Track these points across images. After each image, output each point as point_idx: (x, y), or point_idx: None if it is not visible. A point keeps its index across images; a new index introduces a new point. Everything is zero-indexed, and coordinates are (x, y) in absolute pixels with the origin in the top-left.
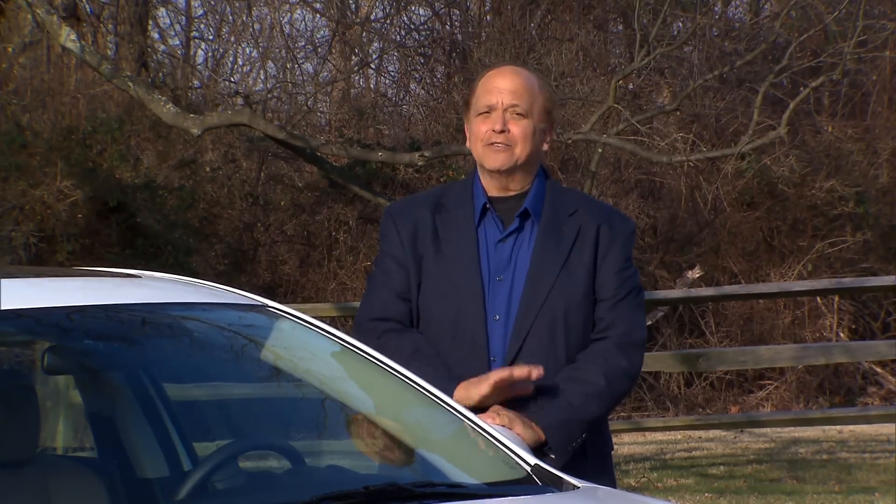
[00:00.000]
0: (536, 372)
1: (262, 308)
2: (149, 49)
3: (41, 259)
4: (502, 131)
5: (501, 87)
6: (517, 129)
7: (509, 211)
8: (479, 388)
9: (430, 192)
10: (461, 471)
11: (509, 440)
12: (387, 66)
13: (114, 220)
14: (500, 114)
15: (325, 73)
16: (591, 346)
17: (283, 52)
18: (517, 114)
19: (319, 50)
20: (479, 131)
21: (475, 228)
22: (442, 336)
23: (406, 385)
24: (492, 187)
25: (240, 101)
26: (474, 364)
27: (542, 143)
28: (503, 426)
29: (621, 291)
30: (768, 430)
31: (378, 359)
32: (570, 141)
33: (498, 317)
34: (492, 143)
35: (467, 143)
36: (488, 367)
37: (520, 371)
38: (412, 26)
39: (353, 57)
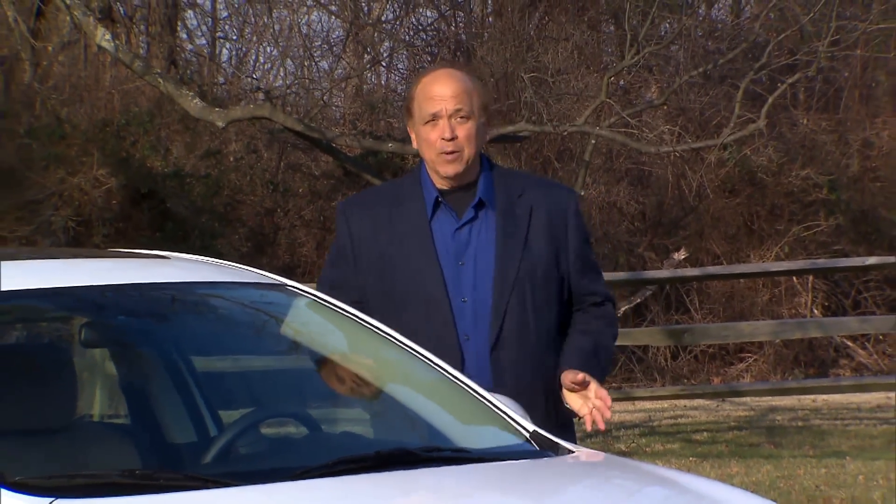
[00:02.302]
0: None
1: (281, 287)
2: (177, 48)
3: (78, 241)
4: (452, 138)
5: (443, 94)
6: (463, 132)
7: (460, 200)
8: None
9: (381, 187)
10: (465, 436)
11: (509, 408)
12: (396, 64)
13: (145, 205)
14: (447, 121)
15: (340, 71)
16: (578, 314)
17: (301, 50)
18: (461, 117)
19: (334, 49)
20: (428, 139)
21: (429, 221)
22: (416, 321)
23: (413, 356)
24: (441, 183)
25: (261, 96)
26: (448, 343)
27: (485, 136)
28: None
29: (588, 264)
30: (748, 399)
31: (388, 333)
32: (565, 133)
33: (465, 299)
34: (443, 153)
35: (414, 145)
36: (459, 347)
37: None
38: (420, 27)
39: (366, 55)
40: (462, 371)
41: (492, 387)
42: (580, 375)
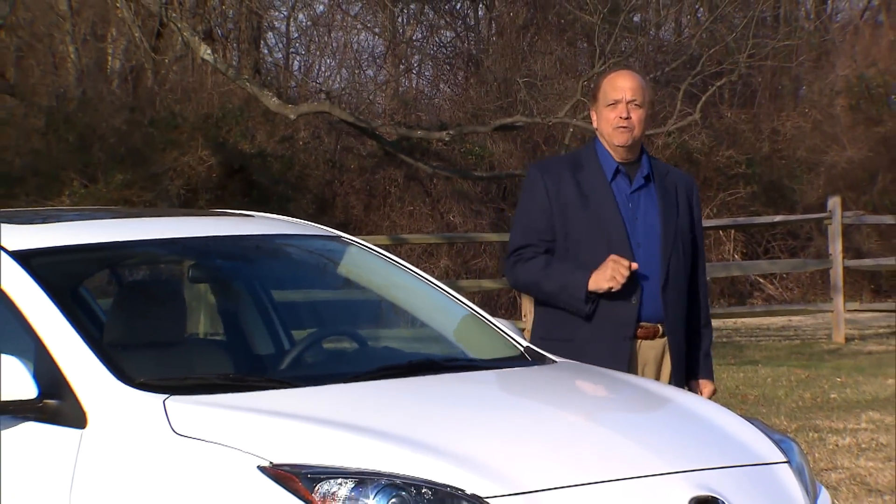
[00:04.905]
0: (633, 265)
1: (338, 238)
2: (260, 60)
3: (188, 204)
4: (627, 118)
5: (625, 85)
6: (635, 116)
7: (631, 172)
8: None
9: (562, 156)
10: (476, 350)
11: (508, 328)
12: (424, 72)
13: (237, 178)
14: (625, 105)
15: (381, 77)
16: (695, 306)
17: (353, 62)
18: (636, 105)
19: (377, 61)
20: (608, 117)
21: (609, 183)
22: (594, 260)
23: (438, 290)
24: (617, 156)
25: (323, 96)
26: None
27: (649, 125)
28: None
29: (702, 233)
30: None
31: (417, 272)
32: (550, 123)
33: (639, 244)
34: (618, 127)
35: (594, 124)
36: (636, 281)
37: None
38: (441, 44)
39: (401, 65)
40: (640, 302)
41: (662, 317)
42: (711, 390)
